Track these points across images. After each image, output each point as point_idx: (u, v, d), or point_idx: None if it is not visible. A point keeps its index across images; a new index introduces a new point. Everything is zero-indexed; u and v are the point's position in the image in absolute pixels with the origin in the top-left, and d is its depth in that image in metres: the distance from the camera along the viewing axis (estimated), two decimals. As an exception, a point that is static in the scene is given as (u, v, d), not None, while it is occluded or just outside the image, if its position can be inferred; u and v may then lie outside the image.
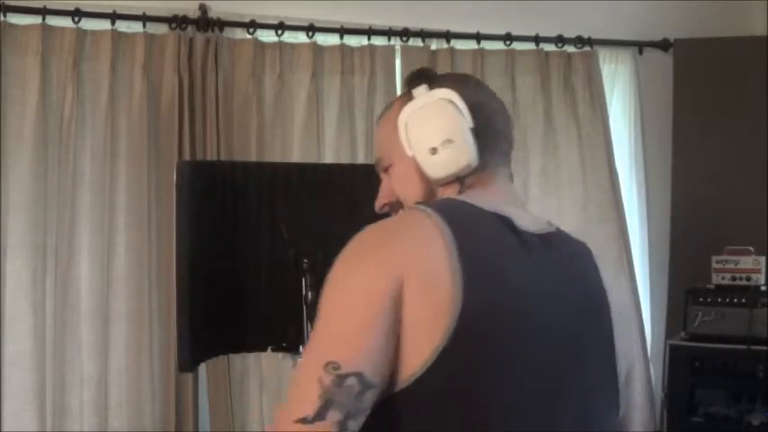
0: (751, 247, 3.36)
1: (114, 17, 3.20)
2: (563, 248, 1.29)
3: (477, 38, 3.64)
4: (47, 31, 3.14)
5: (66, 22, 3.17)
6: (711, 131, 3.73)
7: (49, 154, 3.13)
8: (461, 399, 1.11)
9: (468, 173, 1.30)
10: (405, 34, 3.54)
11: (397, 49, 3.57)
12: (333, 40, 3.49)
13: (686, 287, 3.43)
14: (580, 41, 3.74)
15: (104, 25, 3.21)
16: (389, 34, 3.53)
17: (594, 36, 3.75)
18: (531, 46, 3.70)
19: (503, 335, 1.14)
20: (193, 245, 2.14)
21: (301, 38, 3.45)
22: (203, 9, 3.34)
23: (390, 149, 1.36)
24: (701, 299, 3.35)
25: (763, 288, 3.31)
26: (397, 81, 3.53)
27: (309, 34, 3.44)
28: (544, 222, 1.32)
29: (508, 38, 3.66)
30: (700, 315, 3.33)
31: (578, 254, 1.32)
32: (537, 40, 3.69)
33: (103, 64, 3.20)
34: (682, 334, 3.40)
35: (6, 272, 3.06)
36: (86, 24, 3.20)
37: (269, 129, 3.39)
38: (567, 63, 3.73)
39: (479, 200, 1.26)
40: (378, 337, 1.10)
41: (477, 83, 1.42)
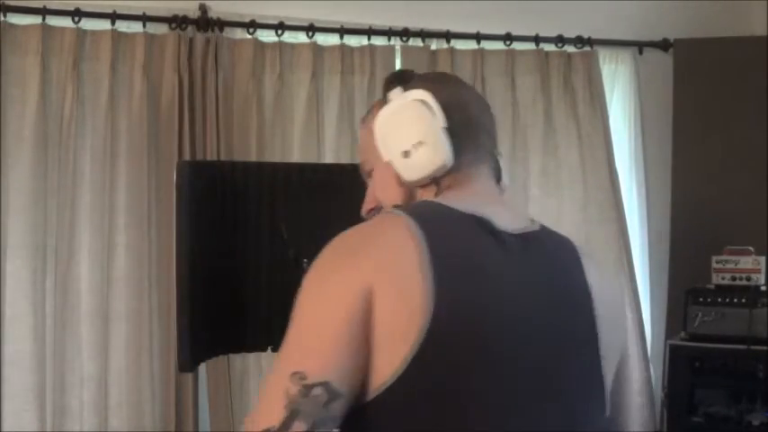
0: (751, 247, 3.35)
1: (114, 17, 3.20)
2: (544, 247, 1.27)
3: (477, 38, 3.63)
4: (47, 31, 3.14)
5: (67, 22, 3.17)
6: (711, 131, 3.73)
7: (49, 154, 3.13)
8: (435, 405, 1.10)
9: (445, 173, 1.28)
10: (405, 34, 3.54)
11: (397, 49, 3.57)
12: (333, 40, 3.49)
13: (686, 287, 3.43)
14: (580, 41, 3.74)
15: (104, 25, 3.21)
16: (389, 34, 3.53)
17: (594, 36, 3.75)
18: (531, 46, 3.70)
19: (477, 339, 1.12)
20: (193, 245, 2.14)
21: (301, 38, 3.45)
22: (203, 9, 3.34)
23: (370, 154, 1.35)
24: (700, 299, 3.35)
25: (763, 288, 3.31)
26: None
27: (309, 34, 3.44)
28: (527, 220, 1.29)
29: (508, 38, 3.66)
30: (700, 315, 3.33)
31: (561, 251, 1.29)
32: (537, 40, 3.69)
33: (103, 64, 3.20)
34: (682, 334, 3.39)
35: (6, 272, 3.06)
36: (86, 24, 3.20)
37: (269, 129, 3.39)
38: (567, 63, 3.73)
39: (456, 201, 1.24)
40: (346, 347, 1.09)
41: (454, 80, 1.41)
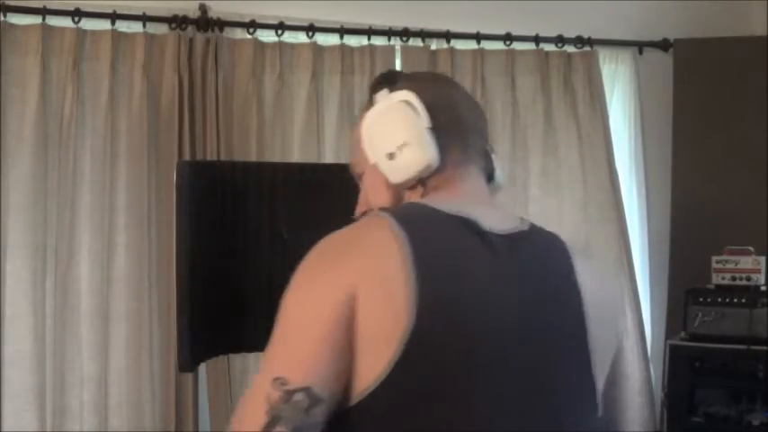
0: (751, 247, 3.35)
1: (114, 17, 3.20)
2: (532, 247, 1.25)
3: (477, 38, 3.64)
4: (47, 31, 3.14)
5: (67, 22, 3.17)
6: (711, 131, 3.73)
7: (49, 154, 3.14)
8: (419, 409, 1.09)
9: (432, 174, 1.28)
10: (405, 34, 3.54)
11: (397, 49, 3.57)
12: (333, 40, 3.49)
13: (686, 287, 3.43)
14: (580, 41, 3.74)
15: (104, 25, 3.21)
16: (389, 34, 3.53)
17: (594, 36, 3.75)
18: (531, 46, 3.70)
19: (462, 341, 1.12)
20: (193, 245, 2.14)
21: (301, 38, 3.45)
22: (203, 9, 3.34)
23: (360, 157, 1.35)
24: (701, 299, 3.35)
25: (763, 288, 3.31)
26: (397, 81, 3.52)
27: (309, 34, 3.44)
28: (516, 220, 1.28)
29: (508, 38, 3.66)
30: (700, 315, 3.33)
31: (550, 250, 1.27)
32: (537, 40, 3.69)
33: (103, 64, 3.20)
34: (682, 334, 3.39)
35: (6, 272, 3.06)
36: (86, 24, 3.20)
37: (269, 129, 3.39)
38: (567, 63, 3.73)
39: (442, 202, 1.23)
40: (329, 352, 1.09)
41: (442, 80, 1.39)
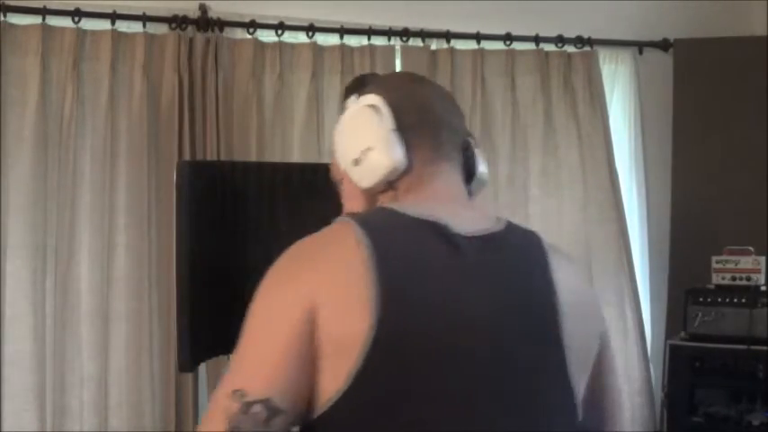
0: (751, 247, 3.35)
1: (114, 17, 3.20)
2: (505, 247, 1.22)
3: (477, 38, 3.63)
4: (47, 31, 3.14)
5: (67, 22, 3.17)
6: (711, 131, 3.73)
7: (49, 154, 3.13)
8: (383, 418, 1.09)
9: (401, 176, 1.26)
10: (405, 34, 3.54)
11: (397, 49, 3.57)
12: (333, 40, 3.49)
13: (686, 287, 3.42)
14: (580, 41, 3.74)
15: (104, 25, 3.21)
16: (389, 34, 3.53)
17: (594, 36, 3.75)
18: (531, 46, 3.70)
19: (426, 347, 1.10)
20: (193, 245, 2.14)
21: (301, 38, 3.45)
22: (203, 9, 3.34)
23: (336, 165, 1.34)
24: (701, 299, 3.35)
25: (763, 288, 3.31)
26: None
27: (309, 34, 3.44)
28: (490, 220, 1.25)
29: (508, 38, 3.66)
30: (700, 315, 3.33)
31: (525, 249, 1.24)
32: (537, 40, 3.69)
33: (103, 64, 3.20)
34: (682, 334, 3.39)
35: (6, 272, 3.06)
36: (86, 24, 3.20)
37: (269, 129, 3.39)
38: (567, 63, 3.73)
39: (411, 206, 1.22)
40: (288, 365, 1.09)
41: (412, 78, 1.38)
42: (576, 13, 3.74)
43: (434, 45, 3.63)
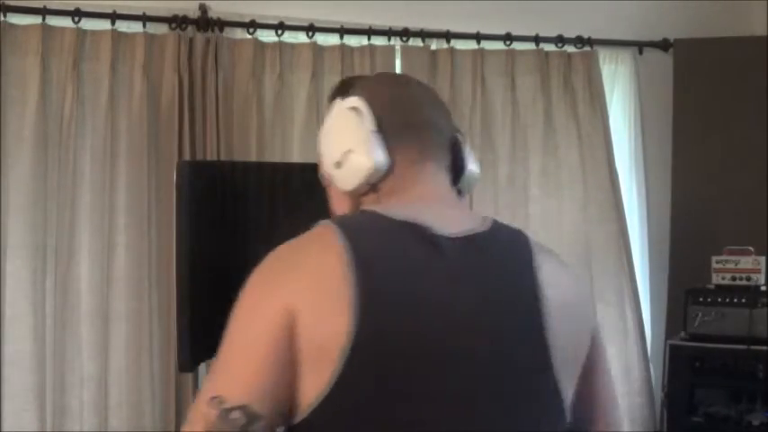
0: (751, 247, 3.35)
1: (114, 17, 3.20)
2: (489, 247, 1.21)
3: (477, 38, 3.63)
4: (47, 31, 3.14)
5: (67, 22, 3.17)
6: (711, 131, 3.73)
7: (49, 154, 3.13)
8: (363, 426, 1.09)
9: (383, 178, 1.25)
10: (405, 34, 3.54)
11: (397, 49, 3.57)
12: (333, 40, 3.49)
13: (686, 287, 3.42)
14: (580, 41, 3.74)
15: (104, 25, 3.21)
16: (389, 34, 3.53)
17: (594, 36, 3.75)
18: (531, 46, 3.70)
19: (407, 351, 1.10)
20: (193, 245, 2.14)
21: (301, 38, 3.45)
22: (203, 9, 3.34)
23: (323, 169, 1.35)
24: (701, 299, 3.35)
25: (763, 288, 3.31)
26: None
27: (309, 34, 3.44)
28: (476, 220, 1.24)
29: (508, 38, 3.66)
30: (700, 315, 3.33)
31: (510, 249, 1.23)
32: (537, 40, 3.69)
33: (103, 64, 3.20)
34: (682, 334, 3.40)
35: (6, 272, 3.06)
36: (86, 24, 3.20)
37: (269, 129, 3.39)
38: (567, 63, 3.73)
39: (393, 208, 1.21)
40: (267, 371, 1.09)
41: (395, 79, 1.37)
42: (576, 13, 3.74)
43: (434, 45, 3.63)
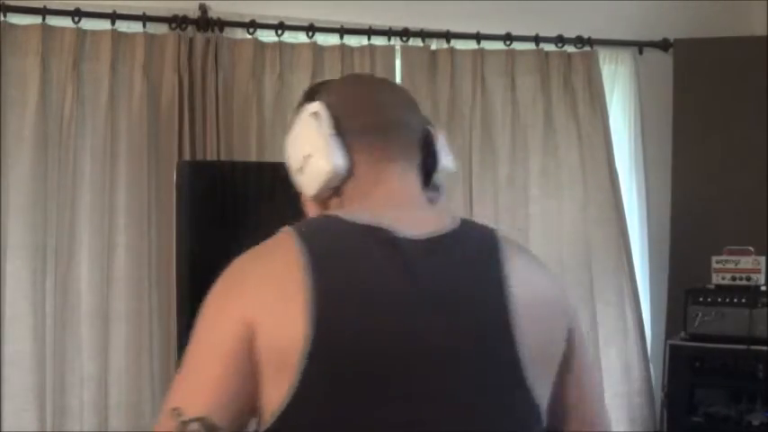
0: (751, 247, 3.35)
1: (114, 17, 3.20)
2: (453, 248, 1.18)
3: (477, 38, 3.63)
4: (47, 31, 3.14)
5: (67, 22, 3.17)
6: (711, 131, 3.73)
7: (49, 154, 3.13)
8: (327, 429, 1.09)
9: (346, 180, 1.24)
10: (405, 34, 3.54)
11: (397, 49, 3.57)
12: (333, 40, 3.49)
13: (686, 287, 3.43)
14: (580, 41, 3.74)
15: (104, 25, 3.21)
16: (389, 34, 3.53)
17: (594, 36, 3.75)
18: (531, 46, 3.70)
19: (364, 357, 1.09)
20: (193, 245, 2.14)
21: (301, 38, 3.45)
22: (203, 9, 3.34)
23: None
24: (700, 299, 3.35)
25: (763, 288, 3.31)
26: (397, 81, 3.53)
27: (309, 34, 3.44)
28: (443, 220, 1.22)
29: (508, 38, 3.66)
30: (700, 315, 3.33)
31: (477, 248, 1.20)
32: (537, 40, 3.69)
33: (103, 64, 3.20)
34: (682, 334, 3.40)
35: (6, 272, 3.05)
36: (86, 24, 3.20)
37: (269, 129, 3.39)
38: (567, 63, 3.73)
39: (355, 212, 1.20)
40: (226, 381, 1.09)
41: (359, 80, 1.36)
42: (576, 13, 3.74)
43: (434, 45, 3.63)
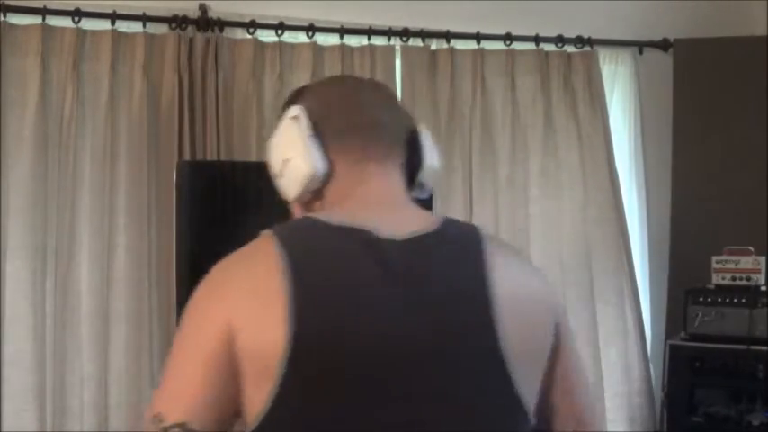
0: (751, 247, 3.35)
1: (114, 17, 3.20)
2: (434, 248, 1.18)
3: (477, 38, 3.63)
4: (47, 31, 3.14)
5: (67, 22, 3.17)
6: (711, 131, 3.73)
7: (49, 155, 3.13)
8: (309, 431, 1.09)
9: (325, 183, 1.24)
10: (405, 34, 3.54)
11: (397, 49, 3.57)
12: (333, 40, 3.49)
13: (686, 287, 3.43)
14: (580, 41, 3.74)
15: (104, 25, 3.21)
16: (389, 34, 3.53)
17: (594, 36, 3.75)
18: (531, 46, 3.70)
19: (344, 359, 1.08)
20: (193, 245, 2.14)
21: (301, 38, 3.45)
22: (203, 9, 3.34)
23: None
24: (701, 299, 3.35)
25: (763, 288, 3.31)
26: (397, 81, 3.53)
27: (309, 34, 3.44)
28: (425, 220, 1.21)
29: (508, 38, 3.66)
30: (700, 315, 3.33)
31: (458, 248, 1.19)
32: (537, 40, 3.69)
33: (103, 64, 3.20)
34: (682, 334, 3.40)
35: (6, 273, 3.06)
36: (86, 24, 3.20)
37: (269, 129, 3.37)
38: (567, 63, 3.73)
39: (336, 214, 1.19)
40: (208, 388, 1.09)
41: (340, 81, 1.35)
42: (576, 13, 3.74)
43: (434, 45, 3.63)
